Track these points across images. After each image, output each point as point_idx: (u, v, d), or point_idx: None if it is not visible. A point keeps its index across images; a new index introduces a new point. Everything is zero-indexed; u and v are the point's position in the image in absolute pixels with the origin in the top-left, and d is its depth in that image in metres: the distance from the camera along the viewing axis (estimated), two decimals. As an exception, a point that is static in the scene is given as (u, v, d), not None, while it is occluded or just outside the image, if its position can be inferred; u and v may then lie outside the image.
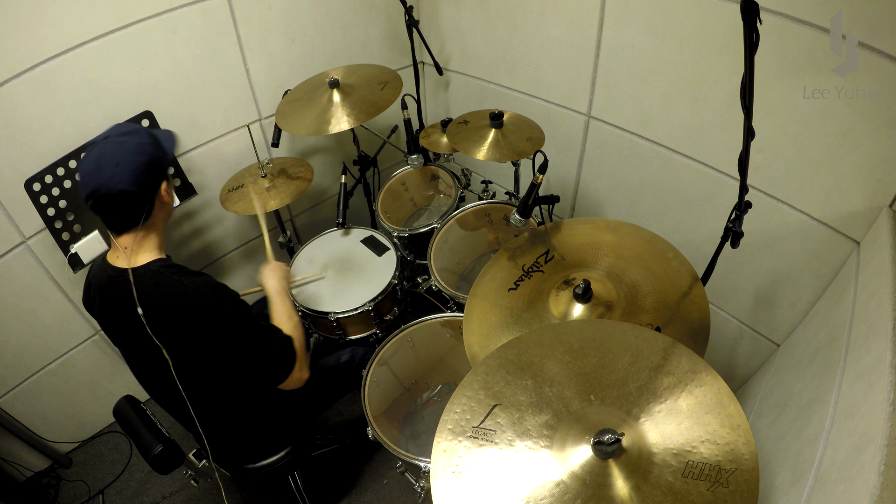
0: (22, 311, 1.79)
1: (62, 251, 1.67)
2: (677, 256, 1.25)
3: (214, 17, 1.74)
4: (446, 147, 1.89)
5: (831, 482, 0.91)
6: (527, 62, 1.92)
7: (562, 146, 1.96)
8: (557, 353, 0.95)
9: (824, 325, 1.32)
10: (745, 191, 1.02)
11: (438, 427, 0.88)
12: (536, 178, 1.33)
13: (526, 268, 1.32)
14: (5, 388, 1.89)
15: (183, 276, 1.19)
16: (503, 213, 1.89)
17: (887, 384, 0.86)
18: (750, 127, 0.90)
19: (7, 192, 1.58)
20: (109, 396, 1.94)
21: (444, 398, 1.79)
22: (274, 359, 1.28)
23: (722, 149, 1.50)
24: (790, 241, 1.45)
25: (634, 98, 1.64)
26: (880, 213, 1.22)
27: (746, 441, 0.78)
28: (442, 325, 1.68)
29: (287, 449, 1.55)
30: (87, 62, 1.57)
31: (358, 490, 1.94)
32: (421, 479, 1.43)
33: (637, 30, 1.52)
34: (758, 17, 0.76)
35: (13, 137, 1.54)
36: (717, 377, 0.86)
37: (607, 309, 1.16)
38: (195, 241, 2.13)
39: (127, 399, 1.41)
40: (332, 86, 1.75)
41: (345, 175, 2.02)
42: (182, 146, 1.89)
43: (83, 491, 2.04)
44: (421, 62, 2.34)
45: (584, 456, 0.79)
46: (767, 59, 1.20)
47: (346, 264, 1.88)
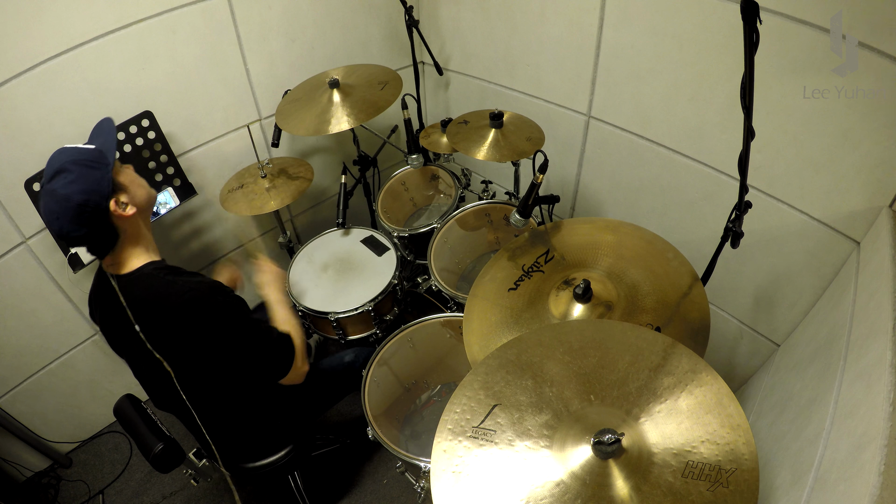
0: (22, 311, 1.79)
1: (62, 251, 1.67)
2: (677, 256, 1.25)
3: (214, 17, 1.74)
4: (446, 147, 1.89)
5: (831, 482, 0.91)
6: (527, 62, 1.92)
7: (562, 146, 1.96)
8: (557, 353, 0.95)
9: (824, 325, 1.32)
10: (745, 191, 1.02)
11: (438, 427, 0.88)
12: (536, 178, 1.33)
13: (526, 268, 1.32)
14: (5, 388, 1.89)
15: (177, 275, 1.19)
16: (503, 213, 1.89)
17: (887, 384, 0.86)
18: (750, 127, 0.90)
19: (7, 192, 1.58)
20: (109, 396, 1.95)
21: (444, 398, 1.79)
22: (273, 352, 1.29)
23: (722, 149, 1.50)
24: (790, 241, 1.45)
25: (634, 98, 1.64)
26: (880, 213, 1.22)
27: (746, 441, 0.78)
28: (442, 325, 1.68)
29: (287, 449, 1.55)
30: (87, 62, 1.57)
31: (358, 490, 1.94)
32: (421, 479, 1.43)
33: (637, 30, 1.52)
34: (758, 17, 0.76)
35: (13, 137, 1.54)
36: (717, 377, 0.86)
37: (607, 309, 1.16)
38: (195, 241, 2.13)
39: (127, 398, 1.41)
40: (332, 86, 1.75)
41: (345, 175, 2.02)
42: (182, 146, 1.89)
43: (83, 491, 2.04)
44: (421, 62, 2.34)
45: (584, 456, 0.79)
46: (767, 59, 1.20)
47: (346, 264, 1.88)
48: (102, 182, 1.12)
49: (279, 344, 1.30)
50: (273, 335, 1.30)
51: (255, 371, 1.29)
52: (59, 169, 1.09)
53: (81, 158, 1.11)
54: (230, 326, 1.21)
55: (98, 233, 1.14)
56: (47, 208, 1.09)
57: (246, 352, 1.24)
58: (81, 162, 1.11)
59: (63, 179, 1.08)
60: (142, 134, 1.72)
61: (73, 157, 1.11)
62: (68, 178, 1.08)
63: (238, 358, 1.24)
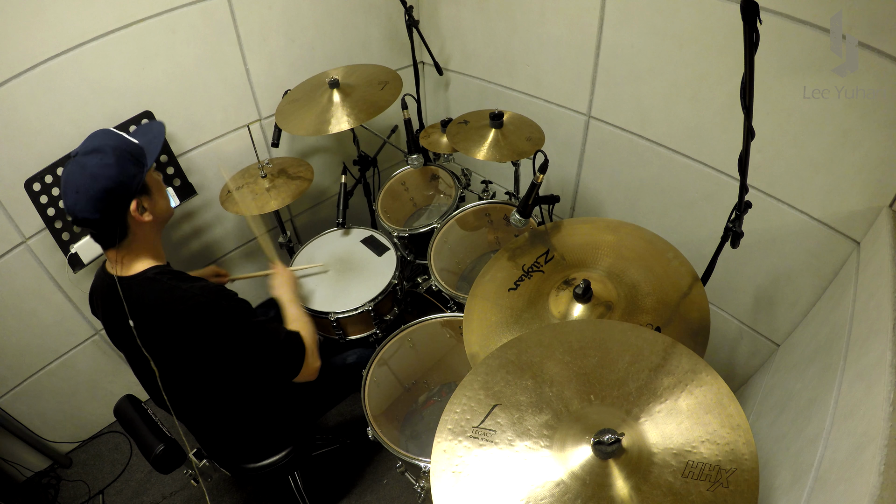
0: (22, 311, 1.79)
1: (62, 251, 1.67)
2: (677, 256, 1.25)
3: (214, 17, 1.74)
4: (446, 147, 1.89)
5: (831, 482, 0.91)
6: (527, 62, 1.92)
7: (562, 146, 1.96)
8: (557, 353, 0.95)
9: (824, 325, 1.32)
10: (745, 191, 1.02)
11: (438, 427, 0.88)
12: (537, 178, 1.33)
13: (526, 268, 1.32)
14: (5, 388, 1.89)
15: (180, 281, 1.19)
16: (503, 213, 1.89)
17: (887, 384, 0.86)
18: (750, 127, 0.90)
19: (7, 192, 1.58)
20: (109, 396, 1.95)
21: (444, 398, 1.79)
22: (283, 352, 1.29)
23: (722, 149, 1.50)
24: (790, 241, 1.45)
25: (634, 98, 1.64)
26: (880, 213, 1.22)
27: (746, 441, 0.78)
28: (442, 325, 1.68)
29: (288, 449, 1.55)
30: (87, 62, 1.56)
31: (358, 490, 1.94)
32: (421, 479, 1.43)
33: (637, 30, 1.52)
34: (758, 17, 0.76)
35: (13, 137, 1.54)
36: (717, 377, 0.86)
37: (607, 309, 1.16)
38: (195, 241, 2.13)
39: (128, 398, 1.41)
40: (332, 86, 1.75)
41: (345, 175, 2.02)
42: (182, 146, 1.89)
43: (83, 491, 2.04)
44: (421, 62, 2.34)
45: (584, 456, 0.79)
46: (767, 59, 1.20)
47: (346, 264, 1.88)
48: (135, 179, 1.13)
49: (288, 343, 1.30)
50: (281, 335, 1.29)
51: (267, 372, 1.29)
52: (98, 147, 1.08)
53: (125, 147, 1.12)
54: (236, 330, 1.20)
55: (109, 224, 1.13)
56: (71, 179, 1.08)
57: (254, 354, 1.24)
58: (124, 151, 1.11)
59: (99, 159, 1.08)
60: (142, 134, 1.72)
61: (117, 143, 1.11)
62: (105, 160, 1.08)
63: (247, 361, 1.24)
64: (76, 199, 1.08)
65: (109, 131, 1.14)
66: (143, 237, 1.19)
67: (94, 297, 1.32)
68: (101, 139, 1.11)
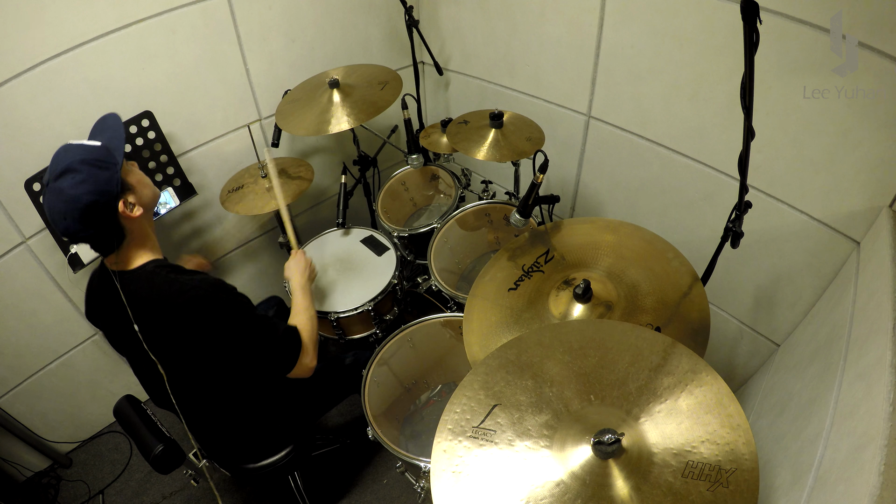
0: (22, 311, 1.79)
1: (62, 251, 1.67)
2: (677, 256, 1.25)
3: (214, 17, 1.74)
4: (446, 147, 1.89)
5: (831, 482, 0.91)
6: (527, 62, 1.92)
7: (562, 146, 1.96)
8: (557, 353, 0.95)
9: (824, 325, 1.32)
10: (745, 191, 1.02)
11: (438, 427, 0.88)
12: (537, 178, 1.33)
13: (526, 268, 1.32)
14: (5, 388, 1.89)
15: (179, 274, 1.19)
16: (503, 213, 1.89)
17: (887, 384, 0.86)
18: (750, 127, 0.90)
19: (7, 192, 1.58)
20: (109, 396, 1.95)
21: (444, 398, 1.79)
22: (279, 347, 1.29)
23: (722, 149, 1.50)
24: (790, 241, 1.45)
25: (634, 98, 1.64)
26: (880, 213, 1.22)
27: (746, 441, 0.78)
28: (442, 325, 1.68)
29: (287, 449, 1.55)
30: (87, 62, 1.57)
31: (358, 490, 1.94)
32: (421, 479, 1.43)
33: (637, 30, 1.52)
34: (758, 17, 0.76)
35: (13, 137, 1.54)
36: (717, 377, 0.86)
37: (607, 309, 1.16)
38: (195, 242, 2.13)
39: (127, 399, 1.41)
40: (332, 86, 1.75)
41: (345, 175, 2.02)
42: (182, 146, 1.89)
43: (83, 491, 2.04)
44: (421, 62, 2.34)
45: (584, 456, 0.79)
46: (767, 59, 1.20)
47: (345, 264, 1.88)
48: (111, 182, 1.11)
49: (285, 338, 1.31)
50: (279, 330, 1.30)
51: (261, 365, 1.29)
52: (66, 168, 1.06)
53: (90, 157, 1.09)
54: (234, 323, 1.21)
55: (105, 233, 1.13)
56: (53, 207, 1.07)
57: (251, 347, 1.24)
58: (90, 161, 1.08)
59: (71, 179, 1.06)
60: (142, 134, 1.72)
61: (80, 156, 1.08)
62: (77, 178, 1.06)
63: (243, 353, 1.24)
64: (66, 224, 1.08)
65: (70, 146, 1.11)
66: (139, 230, 1.19)
67: (92, 299, 1.32)
68: (65, 158, 1.08)
